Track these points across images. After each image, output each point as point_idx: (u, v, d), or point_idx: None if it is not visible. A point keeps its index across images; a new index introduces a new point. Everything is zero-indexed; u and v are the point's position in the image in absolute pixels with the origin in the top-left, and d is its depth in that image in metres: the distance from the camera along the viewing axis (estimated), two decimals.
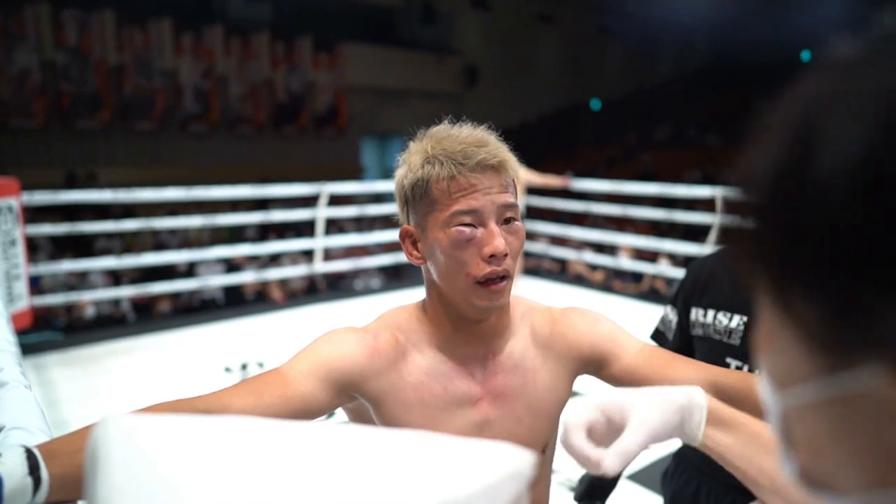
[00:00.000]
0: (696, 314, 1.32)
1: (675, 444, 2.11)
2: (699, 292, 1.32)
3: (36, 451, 0.64)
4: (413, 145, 0.90)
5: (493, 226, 0.85)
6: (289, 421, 0.41)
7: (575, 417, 0.62)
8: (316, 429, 0.37)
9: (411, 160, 0.88)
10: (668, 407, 0.65)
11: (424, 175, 0.86)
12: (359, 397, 0.88)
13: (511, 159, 0.88)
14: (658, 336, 1.45)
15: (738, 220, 0.29)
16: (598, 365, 0.95)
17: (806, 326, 0.27)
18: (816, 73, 0.28)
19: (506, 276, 0.86)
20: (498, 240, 0.84)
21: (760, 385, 0.31)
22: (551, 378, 0.94)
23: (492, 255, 0.84)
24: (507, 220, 0.87)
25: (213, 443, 0.35)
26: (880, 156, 0.24)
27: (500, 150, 0.86)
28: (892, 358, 0.24)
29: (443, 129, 0.89)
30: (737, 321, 1.24)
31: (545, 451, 0.96)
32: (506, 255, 0.85)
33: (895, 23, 0.27)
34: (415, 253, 0.91)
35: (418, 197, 0.87)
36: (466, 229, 0.84)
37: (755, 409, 0.85)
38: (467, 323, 0.90)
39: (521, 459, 0.36)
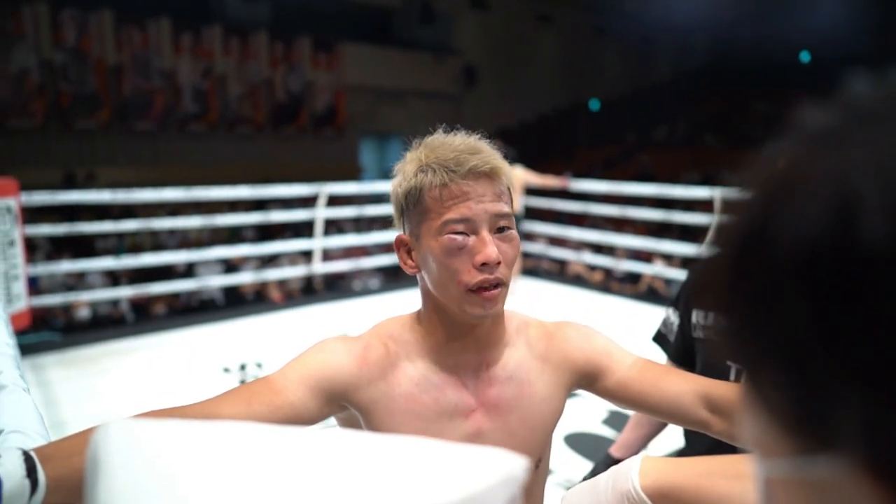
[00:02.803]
0: (697, 316, 1.32)
1: (676, 443, 2.10)
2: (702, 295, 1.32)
3: (33, 454, 0.65)
4: (408, 154, 0.89)
5: (485, 234, 0.84)
6: (284, 426, 0.41)
7: None
8: (309, 433, 0.37)
9: (406, 169, 0.88)
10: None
11: (417, 183, 0.85)
12: (349, 407, 0.88)
13: (505, 167, 0.87)
14: (660, 338, 1.45)
15: (710, 280, 0.28)
16: (592, 378, 0.95)
17: (773, 407, 0.26)
18: (788, 142, 0.27)
19: (499, 284, 0.85)
20: (490, 248, 0.83)
21: (746, 445, 0.30)
22: (546, 391, 0.94)
23: (483, 264, 0.83)
24: (501, 229, 0.86)
25: (212, 448, 0.36)
26: (831, 243, 0.23)
27: (492, 157, 0.86)
28: (851, 452, 0.23)
29: (437, 138, 0.88)
30: None
31: (538, 466, 0.95)
32: (498, 263, 0.84)
33: (866, 92, 0.26)
34: (409, 262, 0.90)
35: (412, 205, 0.87)
36: (458, 237, 0.83)
37: None
38: (462, 331, 0.89)
39: (515, 465, 0.36)
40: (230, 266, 7.26)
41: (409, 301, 1.03)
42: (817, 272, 0.23)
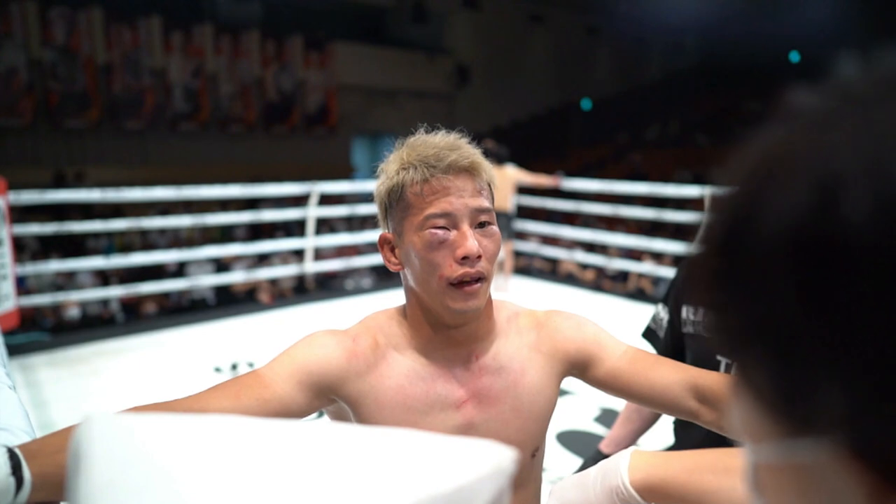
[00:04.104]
0: (686, 312, 1.32)
1: (665, 439, 2.11)
2: (690, 290, 1.33)
3: (18, 451, 0.64)
4: (391, 155, 0.91)
5: (465, 228, 0.85)
6: (270, 419, 0.41)
7: None
8: (299, 426, 0.37)
9: (388, 168, 0.90)
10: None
11: (399, 181, 0.87)
12: (338, 400, 0.88)
13: (484, 163, 0.89)
14: (650, 334, 1.45)
15: (696, 274, 0.29)
16: (583, 367, 0.96)
17: (760, 391, 0.26)
18: (774, 125, 0.27)
19: (480, 279, 0.86)
20: (470, 242, 0.84)
21: (735, 431, 0.31)
22: (538, 380, 0.94)
23: (464, 257, 0.84)
24: (482, 224, 0.87)
25: (196, 441, 0.35)
26: (814, 226, 0.23)
27: (472, 153, 0.87)
28: (835, 435, 0.23)
29: (418, 137, 0.90)
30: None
31: (535, 455, 0.96)
32: (479, 257, 0.85)
33: (855, 75, 0.26)
34: (392, 259, 0.92)
35: (394, 203, 0.89)
36: (439, 231, 0.85)
37: None
38: (447, 328, 0.90)
39: (503, 456, 0.36)
40: (220, 265, 7.22)
41: (401, 300, 1.04)
42: (802, 255, 0.23)
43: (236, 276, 5.96)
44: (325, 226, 8.64)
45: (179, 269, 7.23)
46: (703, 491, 0.64)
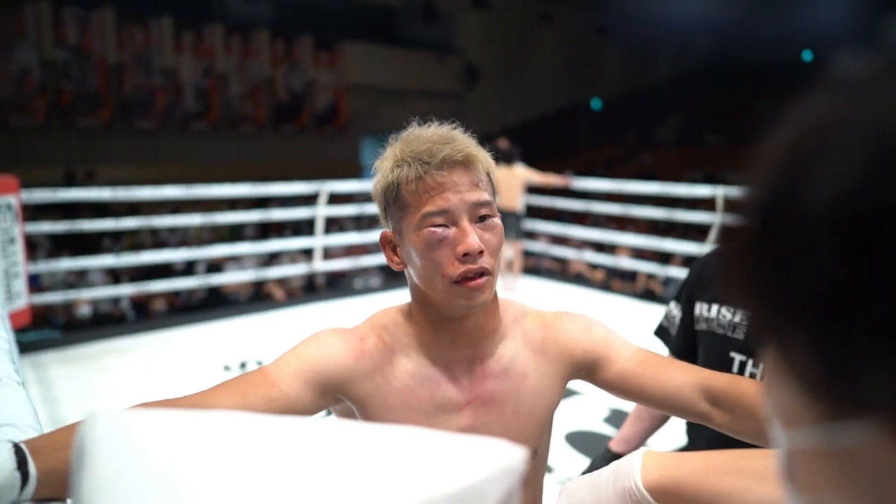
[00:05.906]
0: (700, 309, 1.31)
1: (677, 438, 2.09)
2: (703, 287, 1.32)
3: (24, 447, 0.64)
4: (386, 150, 0.89)
5: (465, 224, 0.83)
6: (278, 416, 0.40)
7: None
8: (306, 423, 0.37)
9: (383, 165, 0.88)
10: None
11: (394, 179, 0.85)
12: (344, 399, 0.88)
13: (480, 154, 0.86)
14: (662, 332, 1.44)
15: (732, 251, 0.27)
16: (591, 369, 0.94)
17: (800, 374, 0.25)
18: (818, 93, 0.26)
19: (485, 273, 0.84)
20: (470, 238, 0.82)
21: (768, 417, 0.29)
22: (542, 382, 0.93)
23: (465, 254, 0.82)
24: (482, 218, 0.85)
25: (202, 437, 0.35)
26: (867, 195, 0.21)
27: (466, 145, 0.84)
28: (883, 415, 0.22)
29: (412, 132, 0.88)
30: (740, 315, 1.23)
31: (535, 456, 0.95)
32: (481, 252, 0.83)
33: None
34: (395, 259, 0.90)
35: (391, 201, 0.87)
36: (438, 230, 0.83)
37: (744, 412, 0.84)
38: (452, 325, 0.88)
39: (514, 455, 0.35)
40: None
41: (409, 299, 1.04)
42: (852, 227, 0.22)
43: (245, 275, 5.98)
44: (334, 225, 8.66)
45: (189, 268, 7.27)
46: (717, 493, 0.63)
